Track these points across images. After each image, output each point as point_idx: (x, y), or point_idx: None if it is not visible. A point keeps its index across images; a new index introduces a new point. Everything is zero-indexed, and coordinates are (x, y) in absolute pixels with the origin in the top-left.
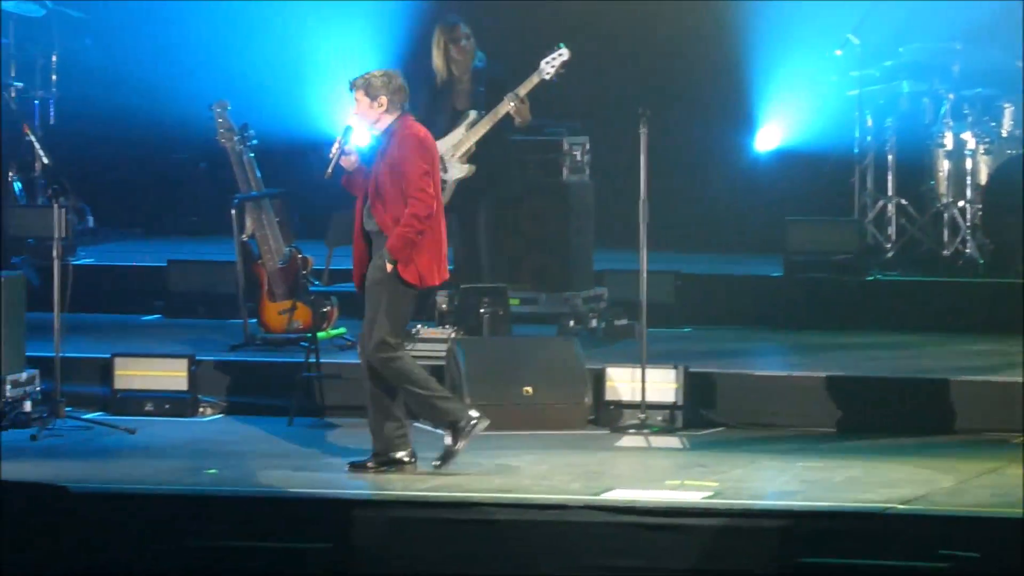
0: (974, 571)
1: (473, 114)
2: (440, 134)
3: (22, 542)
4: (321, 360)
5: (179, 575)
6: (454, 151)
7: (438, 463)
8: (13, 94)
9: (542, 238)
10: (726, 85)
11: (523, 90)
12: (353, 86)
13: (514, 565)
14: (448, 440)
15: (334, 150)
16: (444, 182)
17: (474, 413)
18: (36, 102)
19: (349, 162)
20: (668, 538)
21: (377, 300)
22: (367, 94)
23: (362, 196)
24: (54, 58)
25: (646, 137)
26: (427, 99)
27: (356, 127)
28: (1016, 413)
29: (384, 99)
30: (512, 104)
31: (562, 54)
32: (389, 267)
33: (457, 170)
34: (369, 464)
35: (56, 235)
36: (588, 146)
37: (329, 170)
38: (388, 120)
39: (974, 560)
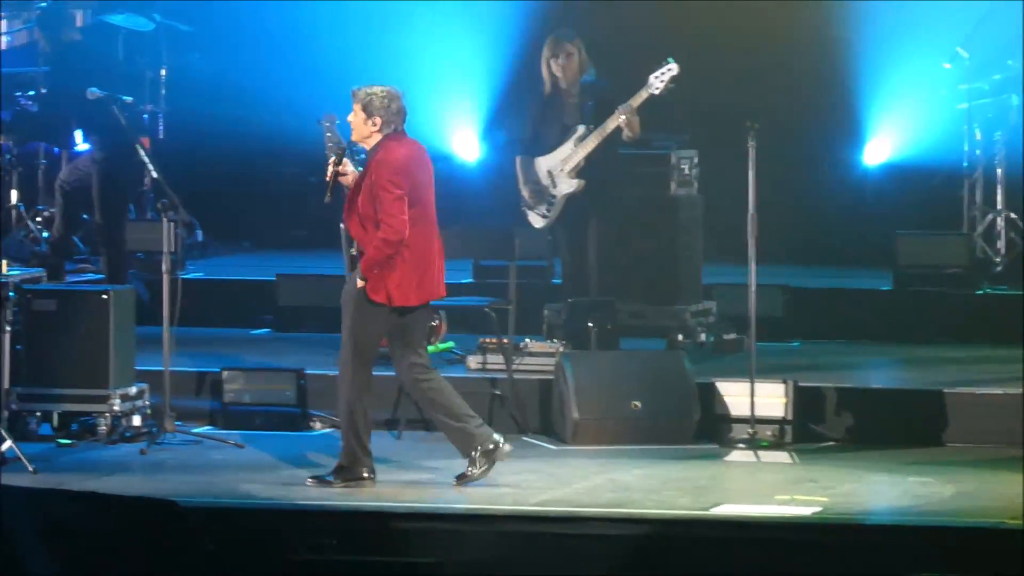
0: None
1: (582, 128)
2: (548, 148)
3: (130, 556)
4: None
5: None
6: (563, 166)
7: (311, 480)
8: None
9: (651, 252)
10: (835, 98)
11: (635, 103)
12: (354, 96)
13: None
14: (332, 471)
15: (329, 173)
16: (553, 197)
17: (368, 473)
18: (145, 116)
19: (348, 181)
20: (777, 554)
21: (345, 313)
22: (364, 110)
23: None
24: (163, 72)
25: (754, 150)
26: (535, 112)
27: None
28: None
29: (379, 120)
30: (623, 117)
31: (671, 68)
32: (360, 283)
33: (566, 185)
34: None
35: (165, 249)
36: (696, 159)
37: (328, 196)
38: (377, 139)
39: None
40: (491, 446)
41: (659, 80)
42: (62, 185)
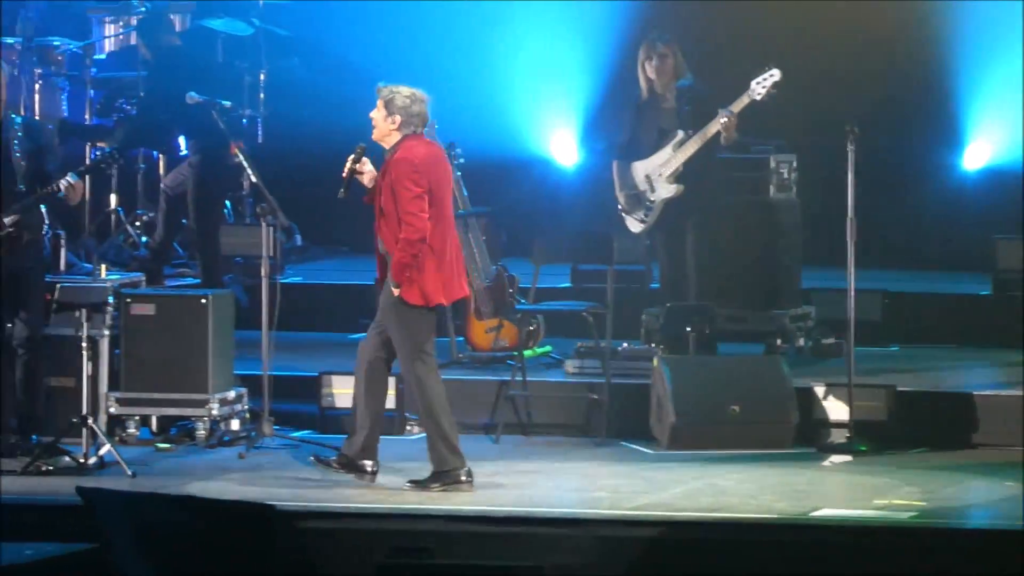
0: None
1: (681, 134)
2: (645, 153)
3: (227, 561)
4: (527, 378)
5: None
6: (661, 170)
7: (409, 484)
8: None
9: (749, 256)
10: (934, 101)
11: (736, 108)
12: (379, 93)
13: None
14: (428, 476)
15: (347, 169)
16: (651, 202)
17: (466, 476)
18: (244, 120)
19: (366, 179)
20: (875, 558)
21: (390, 324)
22: (386, 106)
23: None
24: (262, 76)
25: (853, 154)
26: (632, 117)
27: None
28: None
29: (398, 119)
30: (725, 119)
31: (773, 75)
32: (395, 291)
33: (665, 190)
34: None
35: (264, 253)
36: (795, 163)
37: (343, 191)
38: (396, 138)
39: None
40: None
41: (760, 86)
42: (165, 190)
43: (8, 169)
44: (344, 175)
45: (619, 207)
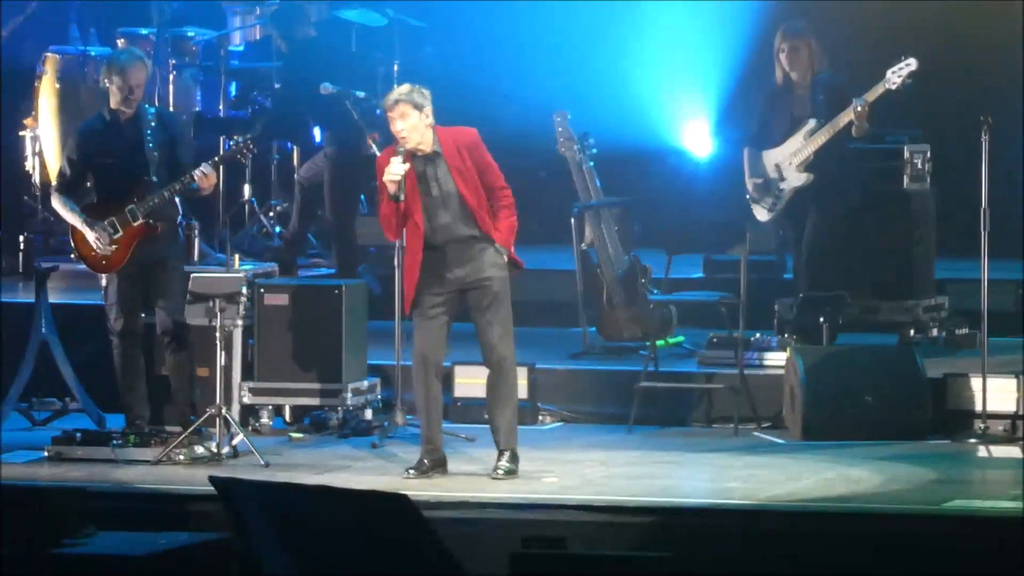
0: None
1: (812, 122)
2: (777, 141)
3: (362, 551)
4: (660, 368)
5: None
6: (792, 159)
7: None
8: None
9: (883, 246)
10: None
11: (870, 98)
12: (393, 108)
13: None
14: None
15: (401, 174)
16: (781, 190)
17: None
18: (378, 111)
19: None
20: (1011, 550)
21: (498, 302)
22: (416, 108)
23: (420, 217)
24: (395, 67)
25: (988, 144)
26: (764, 104)
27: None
28: None
29: (430, 110)
30: (858, 108)
31: (909, 63)
32: (504, 258)
33: (795, 178)
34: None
35: (397, 244)
36: (929, 154)
37: (401, 195)
38: (431, 134)
39: None
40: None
41: (896, 75)
42: (300, 181)
43: (142, 160)
44: (397, 179)
45: (748, 195)
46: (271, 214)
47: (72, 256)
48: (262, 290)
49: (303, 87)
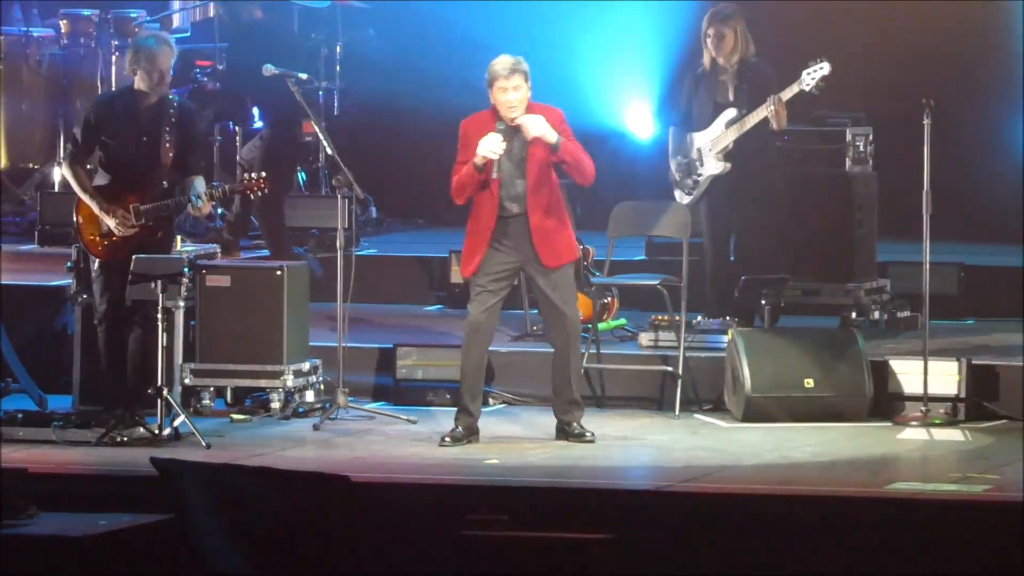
0: None
1: (733, 112)
2: (701, 124)
3: (303, 531)
4: (602, 351)
5: (459, 565)
6: (712, 145)
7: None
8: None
9: (825, 229)
10: (1012, 74)
11: (785, 95)
12: (524, 73)
13: (797, 561)
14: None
15: (498, 153)
16: (699, 175)
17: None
18: (320, 93)
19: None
20: (950, 532)
21: (564, 273)
22: (526, 79)
23: (497, 187)
24: (338, 49)
25: (930, 127)
26: (689, 87)
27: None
28: None
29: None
30: (772, 108)
31: (823, 67)
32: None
33: (713, 166)
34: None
35: (339, 226)
36: (872, 137)
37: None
38: None
39: None
40: None
41: (810, 77)
42: (241, 163)
43: (155, 159)
44: (496, 157)
45: (669, 177)
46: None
47: (71, 232)
48: (204, 271)
49: (247, 67)
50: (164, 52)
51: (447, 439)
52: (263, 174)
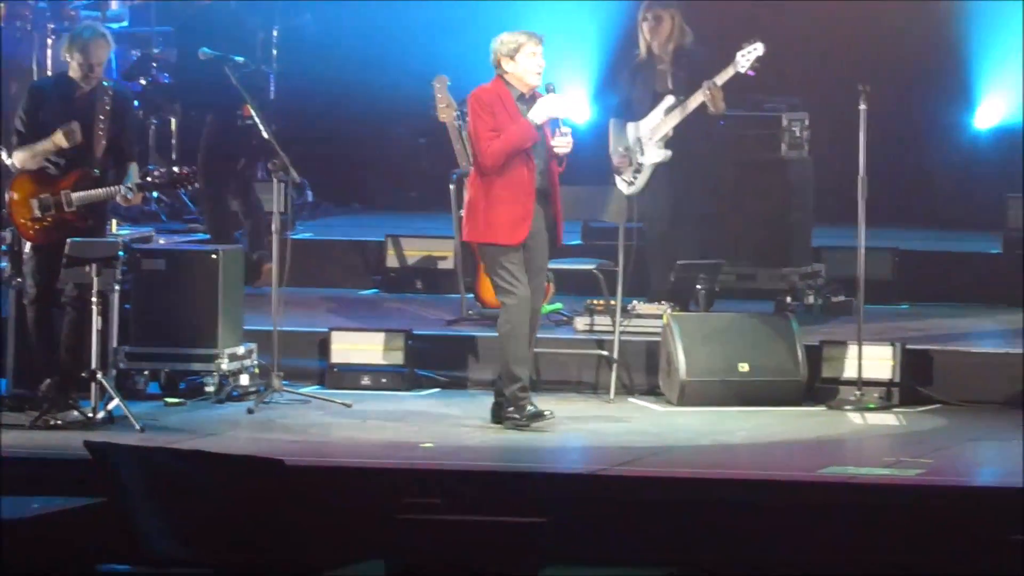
0: None
1: (671, 99)
2: (640, 114)
3: (237, 515)
4: (537, 335)
5: (395, 549)
6: (652, 134)
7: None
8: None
9: (760, 214)
10: (946, 61)
11: (719, 80)
12: (542, 39)
13: (731, 545)
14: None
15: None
16: (641, 164)
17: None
18: (256, 76)
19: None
20: (884, 515)
21: (545, 248)
22: None
23: (533, 158)
24: (275, 33)
25: (865, 113)
26: (626, 77)
27: None
28: None
29: None
30: (708, 92)
31: (756, 48)
32: None
33: (654, 154)
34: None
35: (275, 209)
36: (807, 122)
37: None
38: None
39: None
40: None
41: (745, 58)
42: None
43: (87, 146)
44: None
45: (611, 166)
46: (148, 179)
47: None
48: (139, 255)
49: (191, 53)
50: (98, 44)
51: (549, 413)
52: (192, 167)
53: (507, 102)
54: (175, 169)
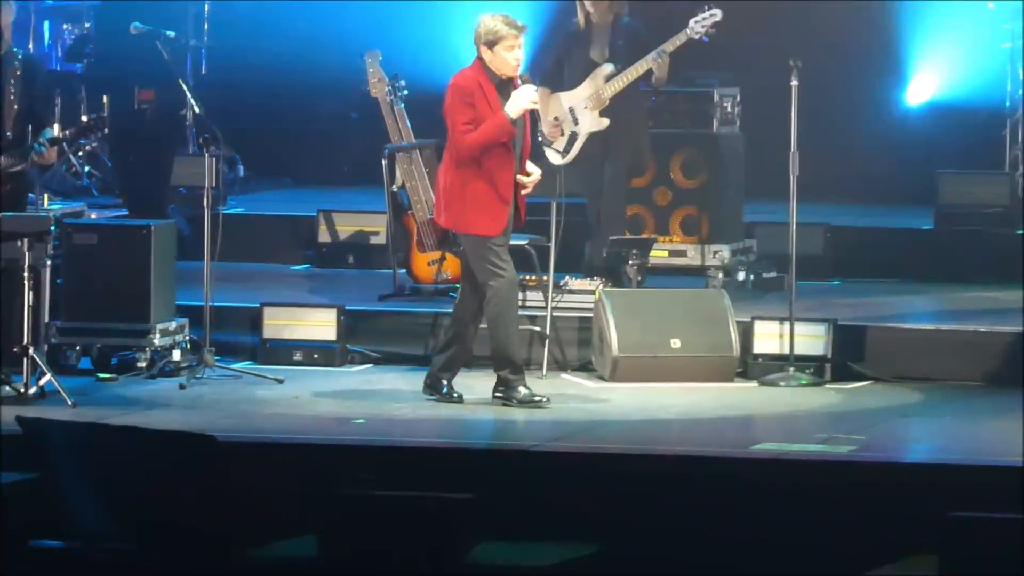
0: None
1: (610, 67)
2: (572, 84)
3: (169, 490)
4: None
5: (325, 524)
6: (587, 102)
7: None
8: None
9: (692, 190)
10: (878, 37)
11: (670, 47)
12: (523, 29)
13: (663, 521)
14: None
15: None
16: (575, 134)
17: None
18: (188, 51)
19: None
20: (815, 492)
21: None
22: None
23: (512, 149)
24: (206, 7)
25: (797, 89)
26: (560, 46)
27: None
28: None
29: None
30: (657, 60)
31: (714, 14)
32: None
33: (592, 123)
34: None
35: (207, 184)
36: (739, 98)
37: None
38: None
39: None
40: None
41: (700, 25)
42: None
43: None
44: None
45: (539, 137)
46: (80, 153)
47: None
48: (70, 230)
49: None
50: (3, 9)
51: (544, 399)
52: (100, 114)
53: (487, 90)
54: (83, 118)
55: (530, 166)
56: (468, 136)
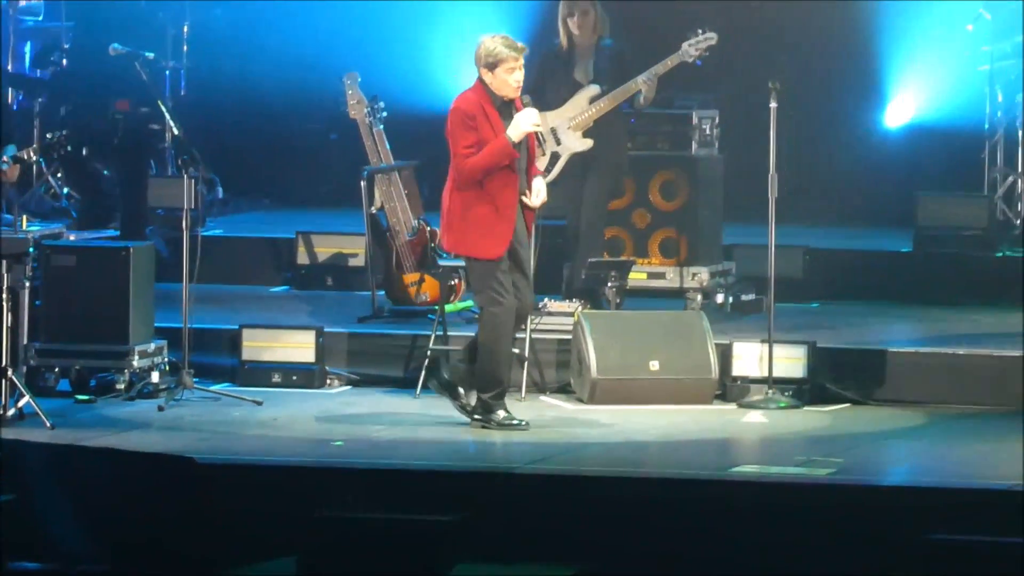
0: None
1: (595, 88)
2: (554, 105)
3: (148, 513)
4: (449, 333)
5: (306, 547)
6: (570, 123)
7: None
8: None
9: (671, 212)
10: (857, 60)
11: (661, 69)
12: (522, 52)
13: (639, 542)
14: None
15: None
16: (557, 154)
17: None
18: (167, 72)
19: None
20: (794, 514)
21: (527, 244)
22: None
23: (514, 168)
24: (185, 28)
25: (776, 110)
26: (542, 67)
27: None
28: None
29: None
30: (648, 82)
31: (709, 38)
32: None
33: (575, 144)
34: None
35: (186, 206)
36: (718, 119)
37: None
38: None
39: None
40: None
41: (694, 48)
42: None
43: None
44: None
45: None
46: (58, 175)
47: None
48: (49, 251)
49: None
50: None
51: (525, 422)
52: (63, 132)
53: (489, 113)
54: (47, 135)
55: (537, 184)
56: (470, 160)
